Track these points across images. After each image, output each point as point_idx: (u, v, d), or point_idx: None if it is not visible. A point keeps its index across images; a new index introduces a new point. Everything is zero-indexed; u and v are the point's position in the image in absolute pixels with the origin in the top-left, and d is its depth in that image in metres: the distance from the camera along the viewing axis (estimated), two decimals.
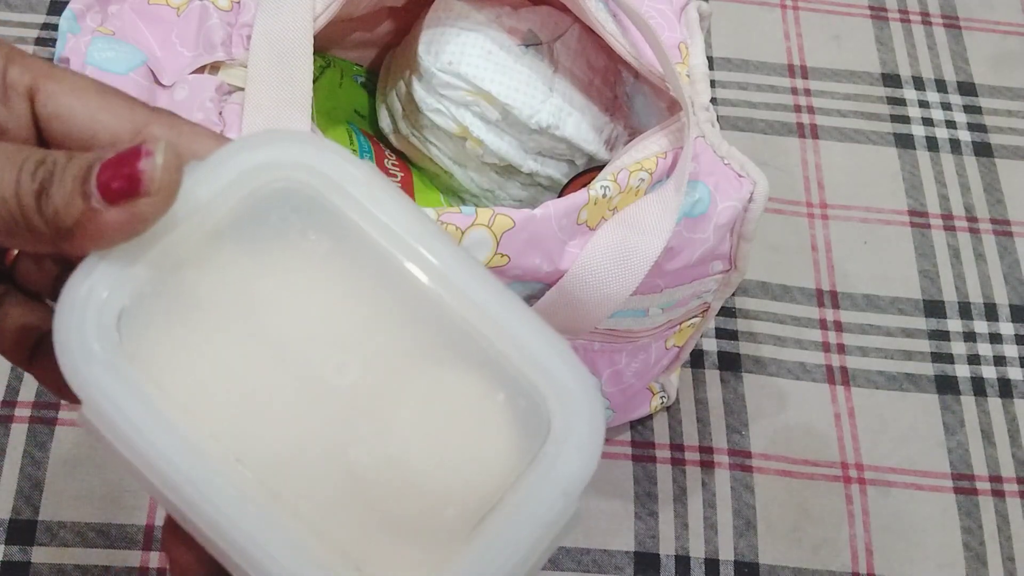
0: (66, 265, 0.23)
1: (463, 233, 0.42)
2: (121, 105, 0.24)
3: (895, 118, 0.74)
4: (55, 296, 0.22)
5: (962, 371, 0.64)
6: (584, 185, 0.45)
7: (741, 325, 0.64)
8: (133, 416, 0.21)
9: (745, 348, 0.64)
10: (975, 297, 0.67)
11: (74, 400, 0.22)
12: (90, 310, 0.21)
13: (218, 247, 0.22)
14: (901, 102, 0.75)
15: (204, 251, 0.22)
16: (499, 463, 0.21)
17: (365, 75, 0.62)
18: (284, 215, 0.23)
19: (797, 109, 0.74)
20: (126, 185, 0.21)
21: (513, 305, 0.22)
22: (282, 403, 0.21)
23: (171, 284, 0.22)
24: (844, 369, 0.64)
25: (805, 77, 0.75)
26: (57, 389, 0.25)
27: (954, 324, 0.66)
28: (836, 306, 0.66)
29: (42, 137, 0.24)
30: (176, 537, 0.23)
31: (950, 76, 0.77)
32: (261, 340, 0.22)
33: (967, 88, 0.76)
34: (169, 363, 0.21)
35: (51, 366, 0.23)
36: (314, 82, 0.45)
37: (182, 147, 0.24)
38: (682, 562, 0.57)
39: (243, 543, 0.20)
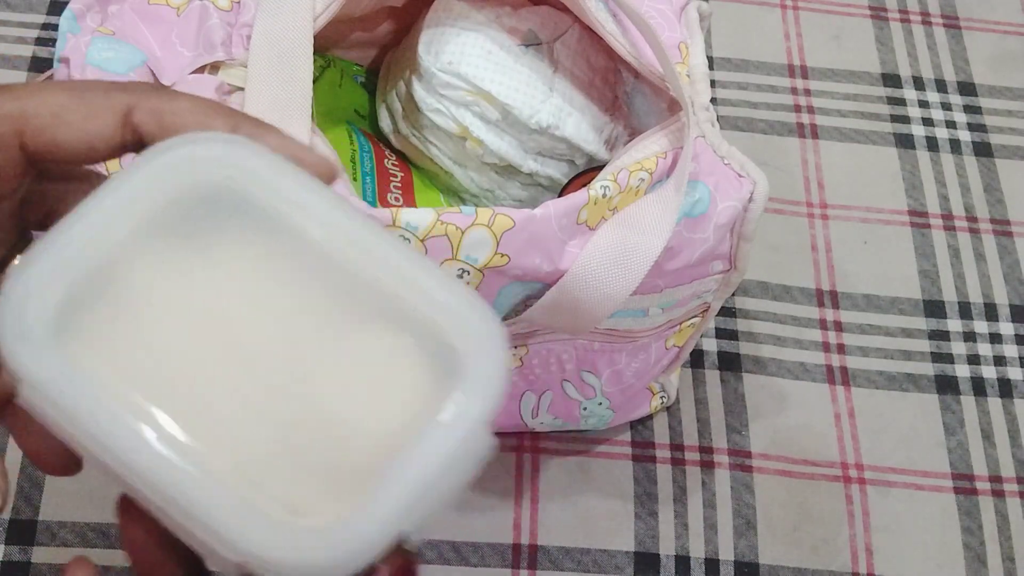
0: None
1: (463, 233, 0.42)
2: (97, 101, 0.25)
3: (895, 118, 0.74)
4: None
5: (962, 371, 0.64)
6: (584, 185, 0.45)
7: (741, 325, 0.64)
8: (70, 391, 0.22)
9: (745, 348, 0.64)
10: (975, 297, 0.67)
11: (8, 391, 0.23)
12: (29, 300, 0.23)
13: (146, 239, 0.24)
14: (901, 102, 0.75)
15: (133, 244, 0.24)
16: (411, 402, 0.23)
17: (365, 75, 0.62)
18: (206, 207, 0.25)
19: (797, 109, 0.74)
20: None
21: (416, 260, 0.24)
22: (211, 373, 0.23)
23: (103, 276, 0.24)
24: (844, 369, 0.64)
25: (805, 77, 0.75)
26: None
27: (954, 324, 0.66)
28: (836, 306, 0.66)
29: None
30: (127, 513, 0.24)
31: (950, 76, 0.77)
32: (190, 321, 0.24)
33: (967, 88, 0.76)
34: (103, 345, 0.23)
35: None
36: (314, 82, 0.45)
37: (166, 118, 0.25)
38: (682, 562, 0.57)
39: (182, 499, 0.22)
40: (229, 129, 0.25)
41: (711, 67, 0.75)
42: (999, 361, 0.65)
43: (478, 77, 0.51)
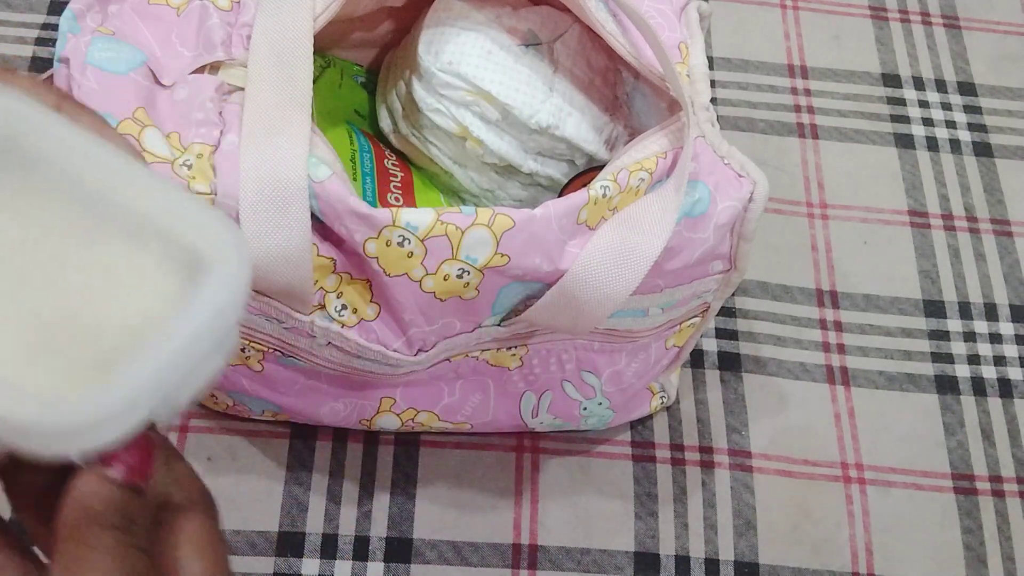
0: None
1: (463, 233, 0.43)
2: None
3: (895, 118, 0.74)
4: None
5: (962, 371, 0.64)
6: (584, 185, 0.45)
7: (741, 325, 0.64)
8: None
9: (745, 348, 0.64)
10: (975, 297, 0.67)
11: None
12: None
13: None
14: (901, 102, 0.75)
15: None
16: (159, 300, 0.27)
17: (365, 75, 0.62)
18: None
19: (797, 109, 0.74)
20: None
21: (158, 182, 0.27)
22: None
23: None
24: (844, 369, 0.64)
25: (805, 77, 0.75)
26: None
27: (954, 324, 0.66)
28: (836, 306, 0.66)
29: None
30: None
31: (950, 76, 0.77)
32: None
33: (967, 88, 0.76)
34: None
35: None
36: (314, 82, 0.45)
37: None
38: (682, 562, 0.57)
39: None
40: (53, 107, 0.28)
41: (711, 67, 0.75)
42: (999, 361, 0.65)
43: (478, 77, 0.51)
